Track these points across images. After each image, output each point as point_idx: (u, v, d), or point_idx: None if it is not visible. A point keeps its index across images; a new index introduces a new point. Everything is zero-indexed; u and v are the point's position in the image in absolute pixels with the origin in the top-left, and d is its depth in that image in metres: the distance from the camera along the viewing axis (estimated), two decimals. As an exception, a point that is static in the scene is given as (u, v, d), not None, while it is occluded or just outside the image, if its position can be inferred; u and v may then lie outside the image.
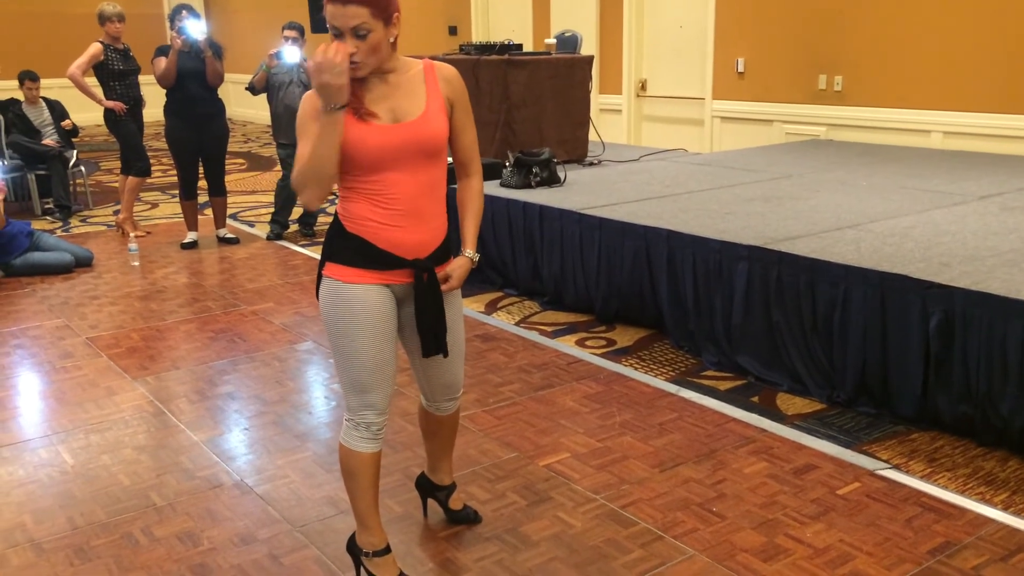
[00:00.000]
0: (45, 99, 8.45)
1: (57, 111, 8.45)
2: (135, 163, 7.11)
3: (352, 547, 2.58)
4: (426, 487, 2.93)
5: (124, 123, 6.99)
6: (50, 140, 8.22)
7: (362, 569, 2.55)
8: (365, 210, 2.32)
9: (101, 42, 6.88)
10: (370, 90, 2.29)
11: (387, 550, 2.53)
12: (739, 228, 4.32)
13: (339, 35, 2.20)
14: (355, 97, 2.24)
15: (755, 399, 3.84)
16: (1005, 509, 2.91)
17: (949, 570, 2.59)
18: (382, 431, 2.47)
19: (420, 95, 2.34)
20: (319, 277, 2.41)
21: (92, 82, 6.92)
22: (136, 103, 7.10)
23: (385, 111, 2.29)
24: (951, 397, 3.37)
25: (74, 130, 8.52)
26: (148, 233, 7.26)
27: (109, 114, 6.94)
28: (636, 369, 4.20)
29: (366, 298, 2.34)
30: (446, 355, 2.51)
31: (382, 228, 2.32)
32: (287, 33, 6.76)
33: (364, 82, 2.28)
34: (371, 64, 2.25)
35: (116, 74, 6.92)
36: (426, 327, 2.43)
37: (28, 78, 8.29)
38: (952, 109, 6.47)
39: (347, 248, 2.35)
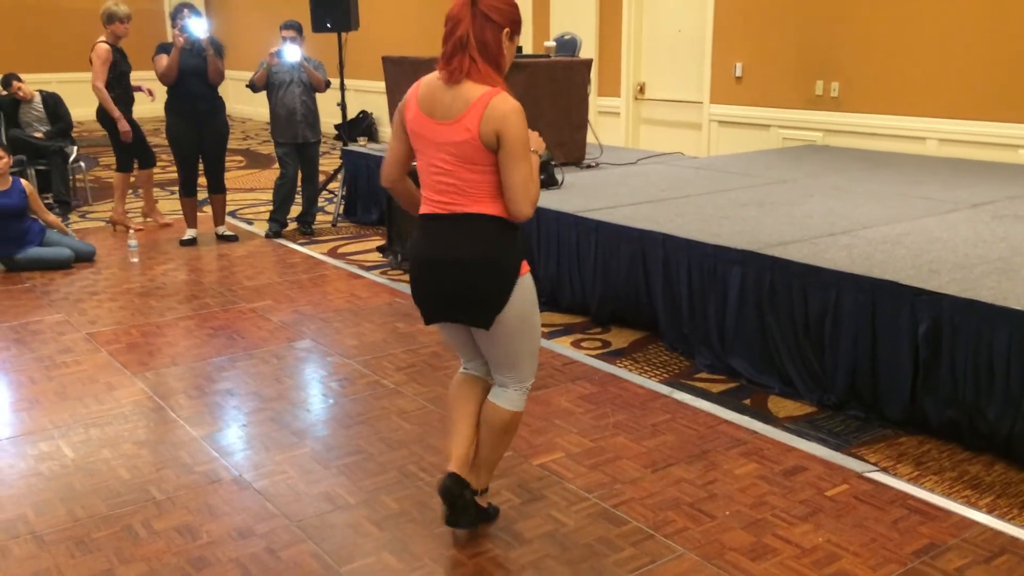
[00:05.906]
0: (42, 92, 8.39)
1: (51, 106, 8.35)
2: (143, 157, 7.27)
3: (457, 487, 2.70)
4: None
5: (129, 122, 6.99)
6: (38, 134, 8.23)
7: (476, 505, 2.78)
8: None
9: (105, 42, 6.84)
10: None
11: None
12: (733, 233, 4.37)
13: None
14: None
15: (747, 401, 3.90)
16: (989, 512, 2.97)
17: (933, 571, 2.65)
18: None
19: None
20: (509, 280, 2.59)
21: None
22: (131, 102, 7.12)
23: None
24: (939, 402, 3.42)
25: (68, 124, 8.46)
26: (139, 229, 7.27)
27: (104, 112, 6.90)
28: (630, 371, 4.25)
29: None
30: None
31: None
32: (284, 33, 6.79)
33: None
34: None
35: (121, 75, 6.93)
36: None
37: (14, 79, 8.21)
38: (948, 117, 6.53)
39: (520, 241, 2.68)
